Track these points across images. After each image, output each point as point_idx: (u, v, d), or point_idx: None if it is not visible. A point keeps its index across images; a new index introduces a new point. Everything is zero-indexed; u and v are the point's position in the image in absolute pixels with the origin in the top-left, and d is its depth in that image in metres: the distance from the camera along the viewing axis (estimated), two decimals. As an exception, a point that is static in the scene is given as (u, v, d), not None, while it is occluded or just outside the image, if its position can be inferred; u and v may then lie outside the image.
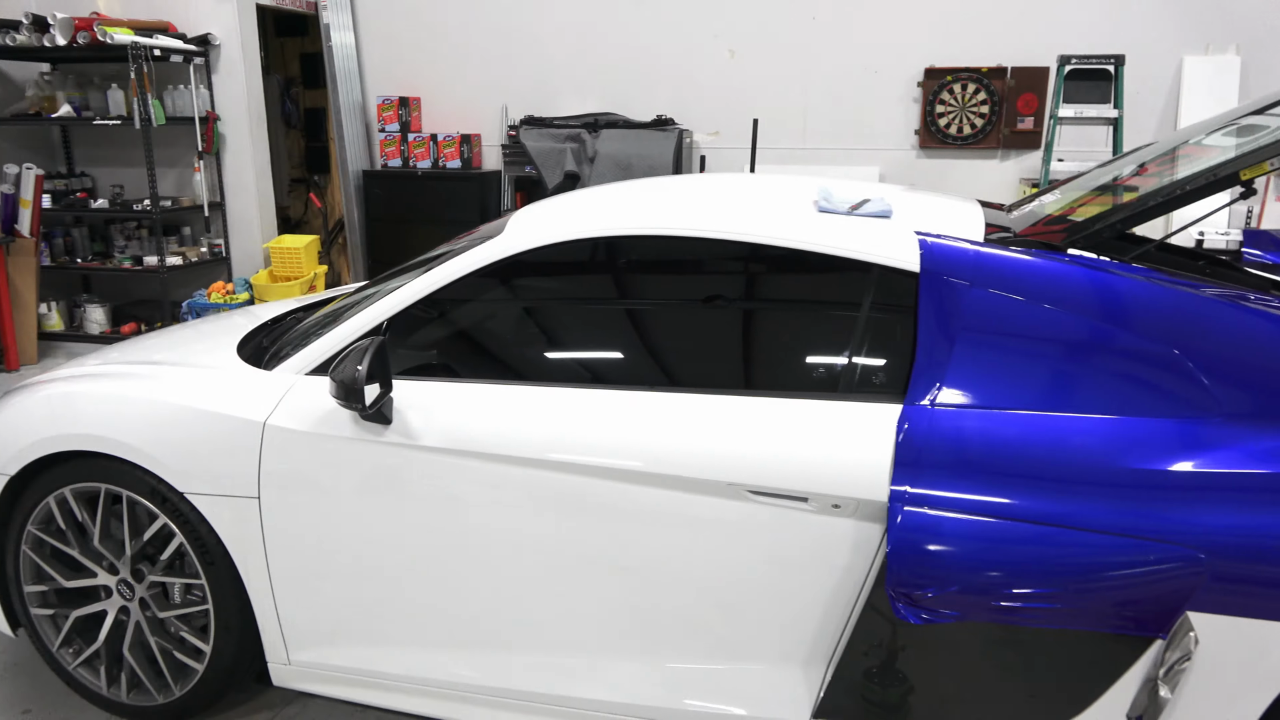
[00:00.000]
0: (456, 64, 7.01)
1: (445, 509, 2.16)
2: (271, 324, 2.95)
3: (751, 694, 2.08)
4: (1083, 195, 2.58)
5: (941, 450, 1.88)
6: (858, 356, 2.06)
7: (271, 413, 2.25)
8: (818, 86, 6.45)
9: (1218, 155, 2.15)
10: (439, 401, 2.19)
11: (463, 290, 2.30)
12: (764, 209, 2.25)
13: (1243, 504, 1.73)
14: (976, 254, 2.06)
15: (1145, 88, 5.90)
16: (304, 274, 6.70)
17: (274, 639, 2.37)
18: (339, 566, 2.27)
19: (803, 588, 2.00)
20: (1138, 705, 1.81)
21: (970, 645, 1.88)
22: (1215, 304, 1.93)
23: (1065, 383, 1.92)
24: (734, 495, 1.99)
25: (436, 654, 2.29)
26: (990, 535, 1.80)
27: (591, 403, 2.11)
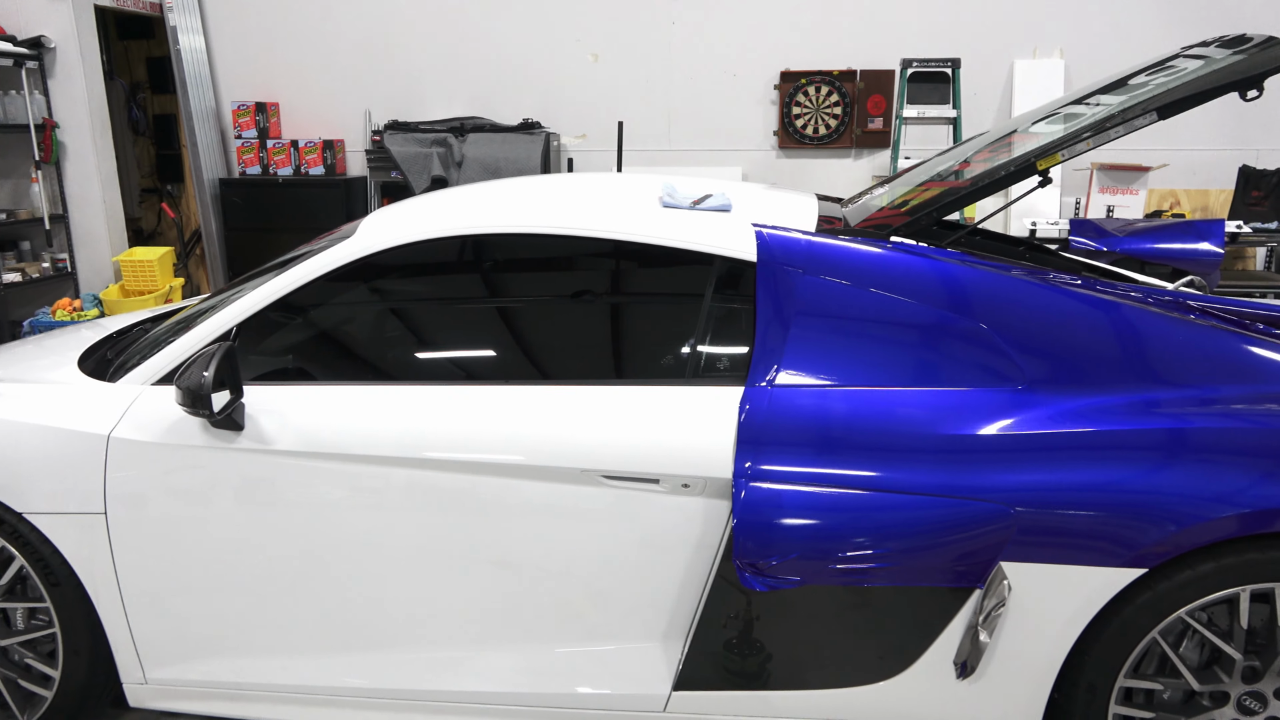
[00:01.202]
0: (315, 68, 6.86)
1: (303, 512, 2.15)
2: (116, 336, 2.85)
3: (616, 673, 2.15)
4: (909, 189, 2.77)
5: (779, 428, 2.00)
6: (703, 343, 2.17)
7: (116, 425, 2.19)
8: (680, 90, 6.63)
9: (1037, 141, 2.35)
10: (293, 405, 2.18)
11: (315, 293, 2.30)
12: (610, 206, 2.34)
13: (1044, 462, 1.92)
14: (809, 243, 2.20)
15: (981, 89, 6.32)
16: (159, 287, 6.42)
17: (128, 658, 2.30)
18: (195, 578, 2.23)
19: (659, 566, 2.09)
20: (962, 651, 1.98)
21: (815, 609, 2.01)
22: (1019, 283, 2.12)
23: (889, 359, 2.08)
24: (589, 481, 2.06)
25: (301, 660, 2.27)
26: (825, 504, 1.94)
27: (447, 399, 2.15)
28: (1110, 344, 2.05)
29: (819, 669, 2.05)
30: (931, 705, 2.04)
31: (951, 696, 2.02)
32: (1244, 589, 1.88)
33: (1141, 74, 2.52)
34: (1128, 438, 1.93)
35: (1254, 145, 6.06)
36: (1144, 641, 1.93)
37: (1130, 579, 1.88)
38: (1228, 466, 1.88)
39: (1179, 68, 2.37)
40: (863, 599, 1.99)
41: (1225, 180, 6.00)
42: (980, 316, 2.08)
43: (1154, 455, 1.90)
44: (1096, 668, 1.95)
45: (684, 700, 2.12)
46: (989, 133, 3.06)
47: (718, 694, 2.10)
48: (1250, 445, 1.90)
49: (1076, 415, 1.97)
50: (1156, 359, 2.04)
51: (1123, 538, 1.87)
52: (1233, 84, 2.08)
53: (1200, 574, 1.87)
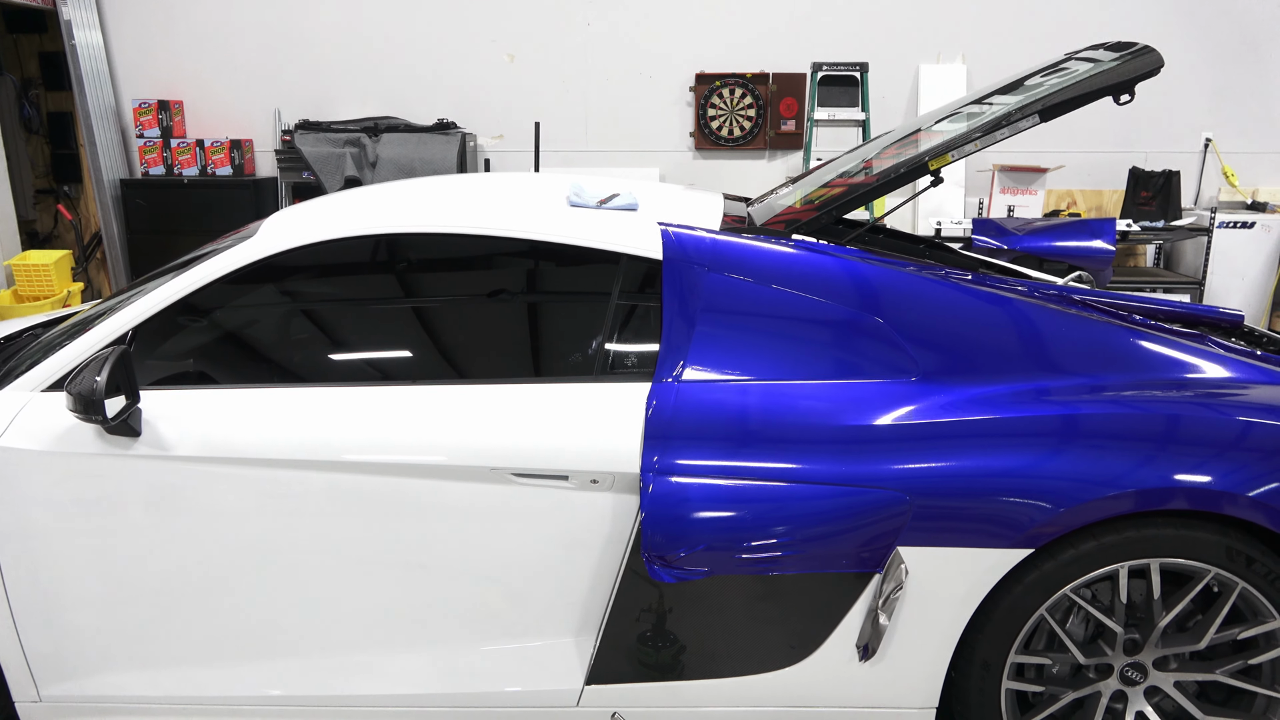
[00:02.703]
0: (221, 65, 6.67)
1: (204, 519, 2.11)
2: (4, 342, 2.74)
3: (529, 670, 2.16)
4: (814, 188, 2.85)
5: (685, 422, 2.04)
6: (610, 341, 2.20)
7: (2, 433, 2.11)
8: (597, 91, 6.65)
9: (925, 145, 2.44)
10: (192, 410, 2.13)
11: (215, 294, 2.25)
12: (517, 205, 2.34)
13: (936, 449, 2.01)
14: (713, 241, 2.24)
15: (889, 92, 6.51)
16: (55, 292, 6.15)
17: (20, 676, 2.21)
18: (92, 589, 2.16)
19: (570, 562, 2.11)
20: (864, 634, 2.05)
21: (723, 599, 2.06)
22: (913, 278, 2.21)
23: (791, 354, 2.14)
24: (498, 479, 2.07)
25: (207, 670, 2.22)
26: (730, 496, 1.98)
27: (351, 400, 2.13)
28: (1000, 336, 2.15)
29: (729, 658, 2.10)
30: (837, 688, 2.10)
31: (855, 678, 2.09)
32: (1123, 565, 1.99)
33: (1036, 75, 2.64)
34: (1015, 424, 2.02)
35: (1142, 148, 6.38)
36: (1033, 618, 2.02)
37: (1019, 559, 1.98)
38: (1109, 451, 1.99)
39: (1070, 69, 2.49)
40: (769, 588, 2.04)
41: (1117, 181, 6.31)
42: (876, 311, 2.15)
43: (1040, 441, 2.00)
44: (990, 645, 2.04)
45: (596, 694, 2.14)
46: (893, 131, 3.16)
47: (630, 686, 2.12)
48: (1130, 430, 2.01)
49: (967, 404, 2.06)
50: (1043, 350, 2.15)
51: (1011, 520, 1.96)
52: (1106, 89, 2.20)
53: (1083, 552, 1.98)
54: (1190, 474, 1.95)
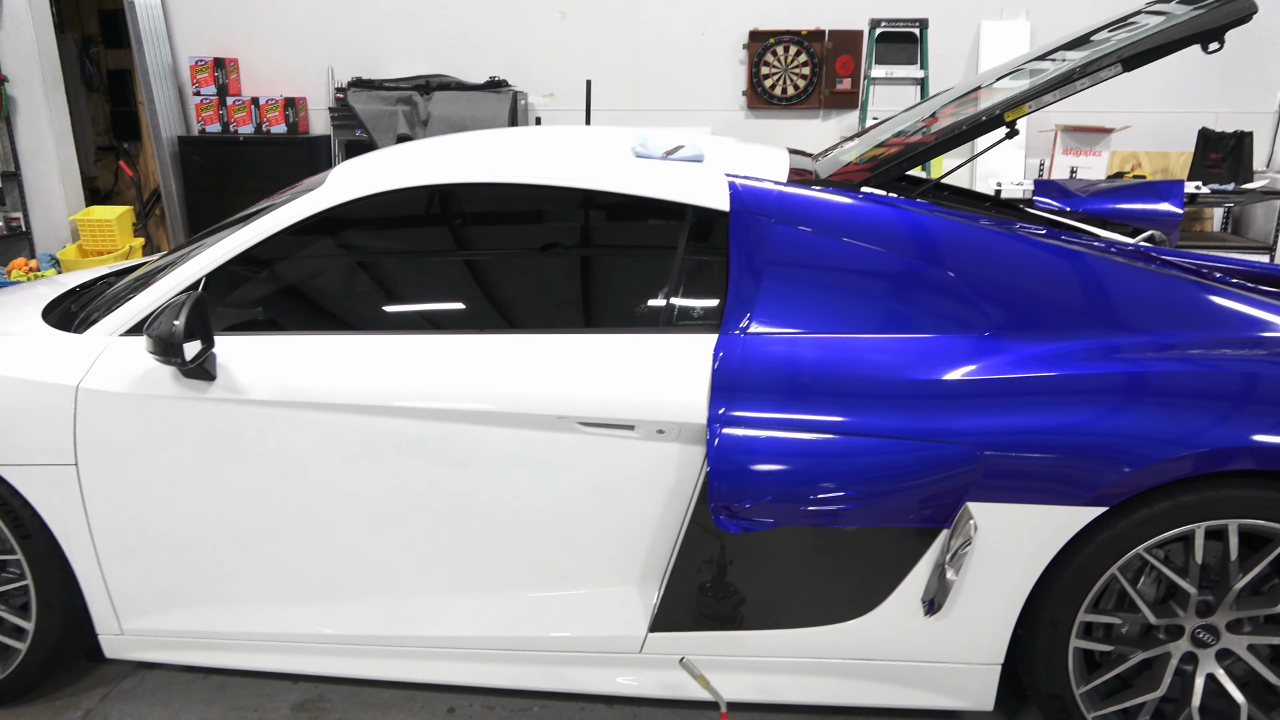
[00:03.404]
0: (276, 23, 6.70)
1: (276, 461, 2.15)
2: (80, 289, 2.80)
3: (593, 616, 2.19)
4: (879, 143, 2.80)
5: (752, 375, 2.03)
6: (676, 293, 2.19)
7: (85, 376, 2.17)
8: (648, 48, 6.57)
9: (988, 102, 2.38)
10: (265, 355, 2.17)
11: (284, 243, 2.28)
12: (584, 156, 2.33)
13: (1008, 406, 1.97)
14: (780, 194, 2.21)
15: (948, 50, 6.34)
16: (118, 247, 6.29)
17: (103, 609, 2.30)
18: (169, 528, 2.22)
19: (634, 511, 2.12)
20: (930, 589, 2.04)
21: (787, 551, 2.06)
22: (985, 232, 2.16)
23: (860, 307, 2.11)
24: (564, 428, 2.08)
25: (276, 608, 2.28)
26: (797, 448, 1.97)
27: (423, 348, 2.15)
28: (1073, 291, 2.10)
29: (791, 609, 2.11)
30: (900, 642, 2.10)
31: (919, 633, 2.08)
32: (1199, 526, 1.95)
33: (1103, 30, 2.55)
34: (1089, 381, 1.98)
35: (1212, 108, 6.16)
36: (1104, 578, 2.00)
37: (1091, 517, 1.94)
38: (1184, 409, 1.94)
39: (1140, 24, 2.40)
40: (833, 541, 2.04)
41: (1185, 143, 6.10)
42: (948, 265, 2.11)
43: (1114, 398, 1.96)
44: (1058, 603, 2.02)
45: (660, 641, 2.16)
46: (953, 89, 3.08)
47: (693, 634, 2.14)
48: (1206, 388, 1.96)
49: (1040, 360, 2.02)
50: (1118, 305, 2.09)
51: (1083, 478, 1.93)
52: (1195, 36, 2.12)
53: (1158, 512, 1.94)
54: (1269, 434, 1.90)
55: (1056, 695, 2.09)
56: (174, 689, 2.49)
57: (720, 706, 1.99)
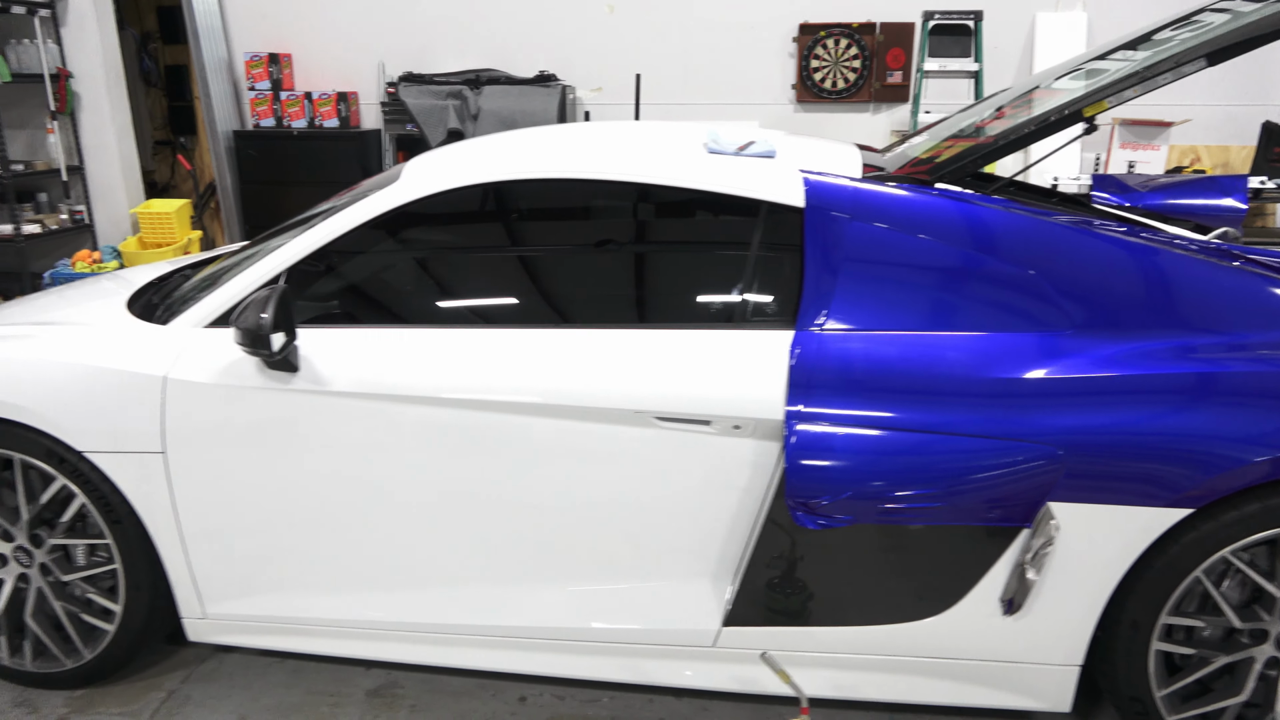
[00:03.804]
0: (328, 18, 6.78)
1: (357, 452, 2.19)
2: (158, 282, 2.87)
3: (667, 609, 2.21)
4: (947, 137, 2.78)
5: (830, 371, 2.04)
6: (750, 289, 2.19)
7: (172, 366, 2.22)
8: (697, 42, 6.56)
9: (1064, 96, 2.36)
10: (345, 347, 2.21)
11: (360, 238, 2.32)
12: (658, 152, 2.34)
13: (1091, 405, 1.96)
14: (855, 190, 2.21)
15: (1003, 43, 6.26)
16: (176, 240, 6.42)
17: (188, 594, 2.36)
18: (252, 515, 2.28)
19: (709, 506, 2.13)
20: (1009, 588, 2.03)
21: (864, 548, 2.06)
22: (1065, 229, 2.14)
23: (937, 305, 2.10)
24: (641, 423, 2.10)
25: (355, 595, 2.33)
26: (876, 445, 1.97)
27: (501, 343, 2.18)
28: (1155, 289, 2.08)
29: (867, 606, 2.11)
30: (977, 641, 2.09)
31: (997, 633, 2.08)
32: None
33: (1166, 29, 2.51)
34: (1175, 381, 1.96)
35: (1275, 101, 6.02)
36: (1187, 580, 1.97)
37: (1176, 519, 1.92)
38: (1273, 411, 1.91)
39: (1205, 22, 2.36)
40: (910, 538, 2.04)
41: (1245, 136, 5.97)
42: (1027, 262, 2.10)
43: (1201, 399, 1.93)
44: (1140, 605, 2.00)
45: (733, 636, 2.18)
46: (1013, 87, 3.05)
47: (767, 630, 2.15)
48: None
49: (1124, 359, 2.00)
50: (1201, 304, 2.06)
51: (1168, 480, 1.91)
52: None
53: (1245, 514, 1.92)
54: None
55: (1136, 698, 2.07)
56: (252, 672, 2.56)
57: (801, 702, 2.00)
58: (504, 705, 2.43)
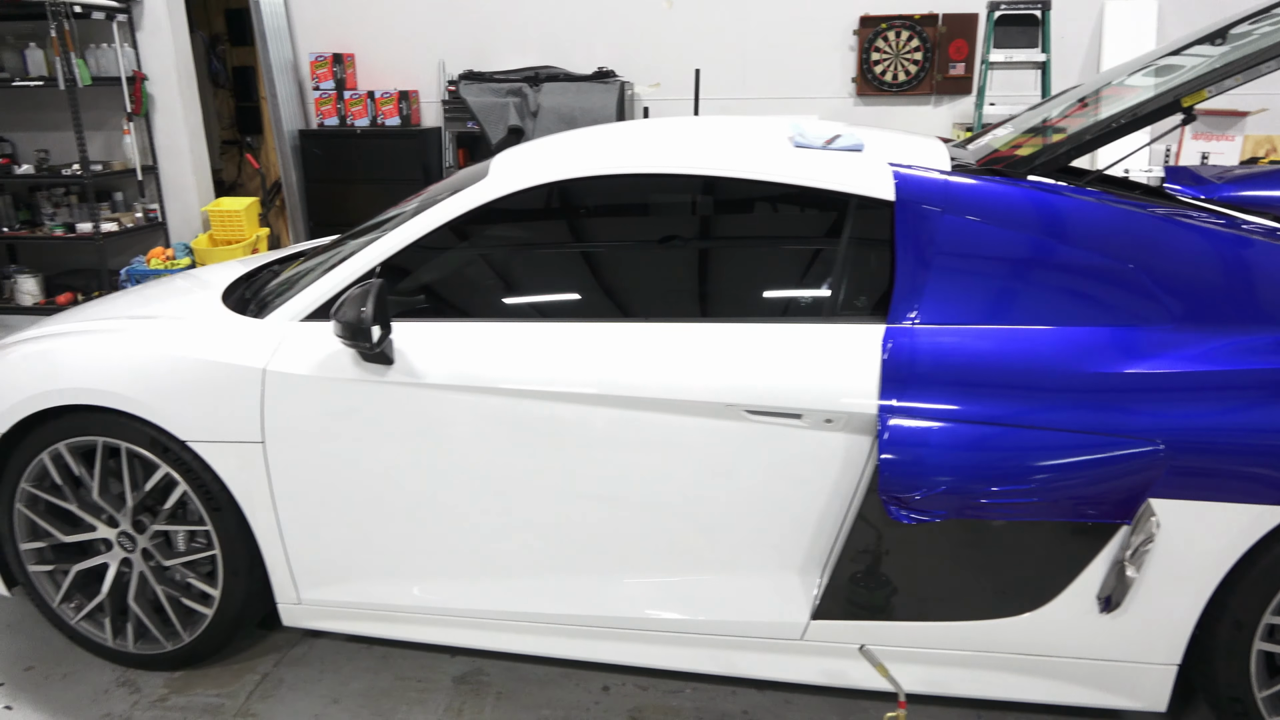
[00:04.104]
0: (390, 19, 6.88)
1: (452, 443, 2.23)
2: (248, 277, 2.95)
3: (754, 602, 2.22)
4: (1030, 129, 2.74)
5: (924, 365, 2.03)
6: (840, 283, 2.19)
7: (271, 358, 2.29)
8: (755, 36, 6.54)
9: (1156, 88, 2.31)
10: (439, 341, 2.25)
11: (451, 234, 2.36)
12: (746, 147, 2.35)
13: (1195, 401, 1.92)
14: (946, 183, 2.19)
15: (1069, 32, 6.14)
16: (245, 237, 6.57)
17: (283, 579, 2.43)
18: (348, 504, 2.33)
19: (799, 499, 2.14)
20: (1106, 586, 2.00)
21: (955, 544, 2.05)
22: (1163, 221, 2.10)
23: (1032, 299, 2.08)
24: (731, 416, 2.11)
25: (445, 584, 2.37)
26: (972, 440, 1.96)
27: (591, 336, 2.20)
28: (1256, 282, 2.03)
29: (959, 602, 2.10)
30: (1072, 639, 2.07)
31: (1093, 630, 2.05)
32: (1398, 528, 1.88)
33: (1243, 23, 2.44)
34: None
35: (1358, 89, 5.82)
36: (1293, 579, 1.93)
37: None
38: None
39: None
40: (1005, 533, 2.02)
41: (1327, 126, 5.79)
42: (1126, 256, 2.06)
43: (1309, 394, 1.89)
44: (1244, 604, 1.96)
45: (822, 629, 2.18)
46: (1091, 81, 3.00)
47: (857, 624, 2.15)
48: None
49: (1228, 353, 1.96)
50: None
51: (1275, 477, 1.87)
52: None
53: (1356, 512, 1.87)
54: None
55: (1236, 698, 2.03)
56: (341, 657, 2.62)
57: (899, 696, 2.00)
58: (588, 694, 2.46)
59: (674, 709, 2.40)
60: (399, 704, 2.43)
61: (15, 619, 2.83)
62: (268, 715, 2.39)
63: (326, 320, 2.34)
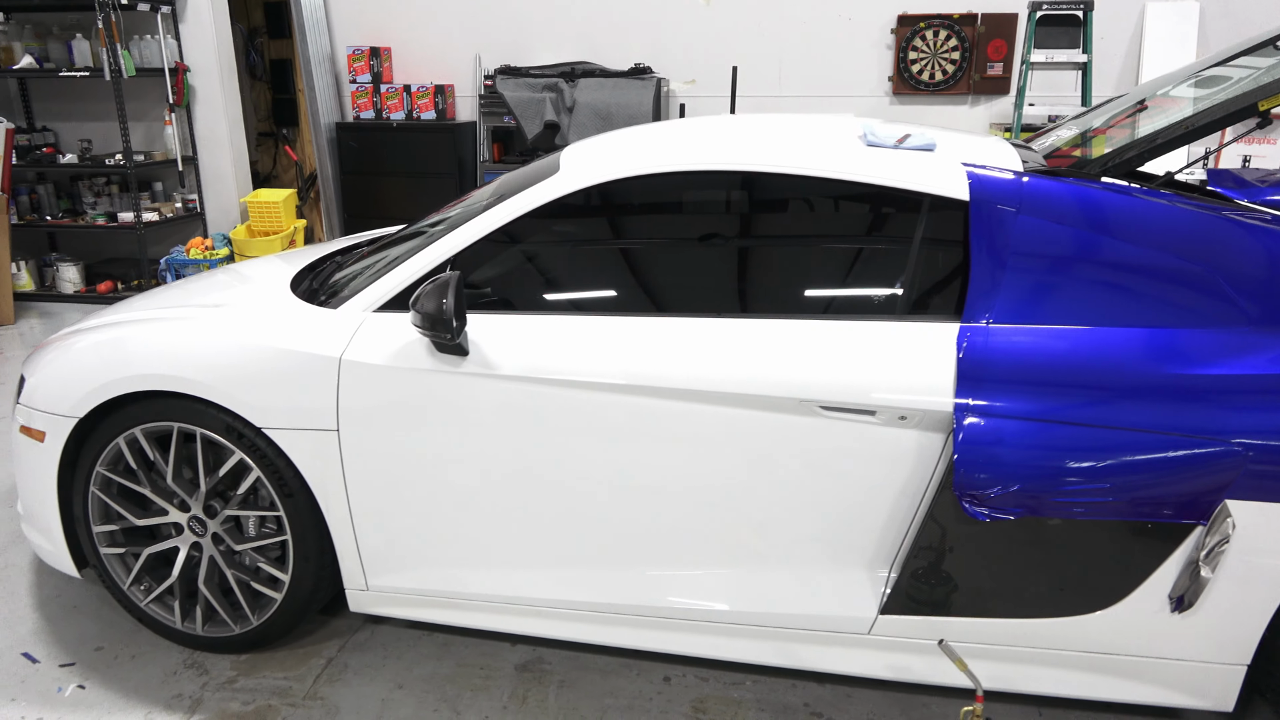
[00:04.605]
0: (426, 13, 6.92)
1: (523, 434, 2.26)
2: (312, 268, 2.99)
3: (822, 596, 2.24)
4: (1094, 130, 2.75)
5: (999, 364, 2.04)
6: (914, 281, 2.21)
7: (346, 348, 2.32)
8: (792, 34, 6.54)
9: (1228, 91, 2.32)
10: (513, 334, 2.28)
11: (524, 227, 2.38)
12: (820, 145, 2.36)
13: (1273, 403, 1.93)
14: (1019, 183, 2.20)
15: (1109, 33, 6.12)
16: (283, 228, 6.63)
17: (352, 566, 2.46)
18: (418, 493, 2.36)
19: (870, 494, 2.15)
20: (1179, 586, 2.01)
21: (1026, 541, 2.06)
22: (1238, 224, 2.11)
23: (1107, 299, 2.09)
24: (805, 411, 2.13)
25: (511, 572, 2.40)
26: (1048, 438, 1.97)
27: (664, 330, 2.22)
28: (1331, 287, 2.04)
29: (1028, 599, 2.11)
30: (1141, 638, 2.08)
31: (1163, 630, 2.06)
32: None
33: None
34: (1361, 380, 1.92)
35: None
36: (1369, 582, 1.94)
37: (1361, 520, 1.89)
38: None
39: None
40: (1076, 533, 2.03)
41: (1371, 130, 5.75)
42: (1201, 258, 2.07)
43: (1389, 398, 1.90)
44: (1318, 605, 1.97)
45: (890, 624, 2.20)
46: (1142, 88, 3.00)
47: (925, 619, 2.17)
48: None
49: (1306, 356, 1.97)
50: None
51: (1352, 479, 1.88)
52: None
53: None
54: None
55: (1306, 700, 2.04)
56: (403, 644, 2.66)
57: (977, 690, 2.01)
58: (649, 684, 2.49)
59: (735, 700, 2.43)
60: (463, 690, 2.46)
61: (80, 601, 2.88)
62: (335, 699, 2.43)
63: (400, 311, 2.37)
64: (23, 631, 2.73)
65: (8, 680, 2.51)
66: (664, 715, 2.37)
